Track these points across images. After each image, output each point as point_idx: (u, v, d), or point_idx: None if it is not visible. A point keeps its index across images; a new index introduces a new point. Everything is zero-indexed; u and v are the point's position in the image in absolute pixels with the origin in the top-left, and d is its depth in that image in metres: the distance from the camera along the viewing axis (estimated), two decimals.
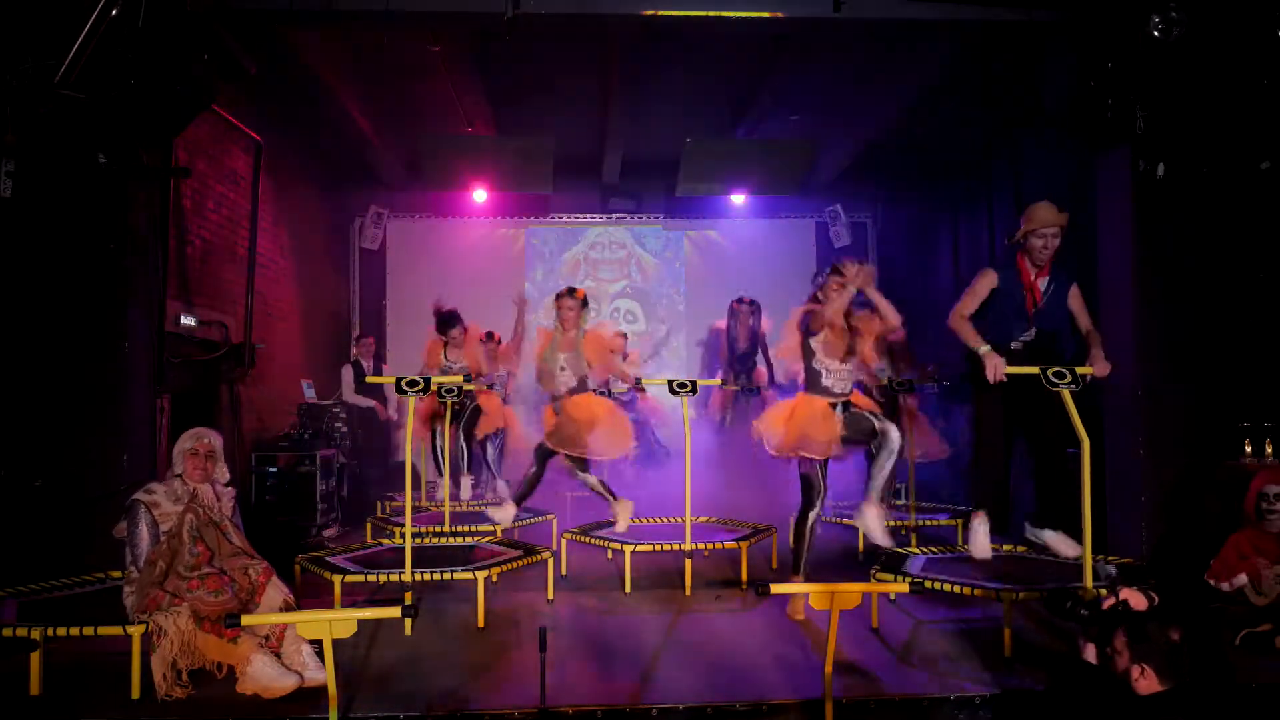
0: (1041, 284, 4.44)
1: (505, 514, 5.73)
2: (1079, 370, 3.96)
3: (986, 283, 4.48)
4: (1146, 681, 2.71)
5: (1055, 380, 3.92)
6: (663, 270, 11.01)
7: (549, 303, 10.72)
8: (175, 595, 3.59)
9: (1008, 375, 4.13)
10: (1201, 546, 4.71)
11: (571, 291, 5.79)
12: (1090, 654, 2.92)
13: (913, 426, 6.55)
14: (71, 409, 5.16)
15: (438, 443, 6.75)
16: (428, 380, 4.68)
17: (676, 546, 5.27)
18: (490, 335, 7.88)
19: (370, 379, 7.83)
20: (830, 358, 4.69)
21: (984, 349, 4.21)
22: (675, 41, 6.79)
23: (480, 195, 10.01)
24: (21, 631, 3.61)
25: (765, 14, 5.69)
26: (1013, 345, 4.41)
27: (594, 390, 5.92)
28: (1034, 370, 3.98)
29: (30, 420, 5.04)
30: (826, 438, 4.54)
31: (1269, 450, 5.12)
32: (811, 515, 4.71)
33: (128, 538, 3.75)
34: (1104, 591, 3.95)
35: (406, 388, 4.56)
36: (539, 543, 5.63)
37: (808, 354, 4.73)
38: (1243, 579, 4.23)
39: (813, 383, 4.72)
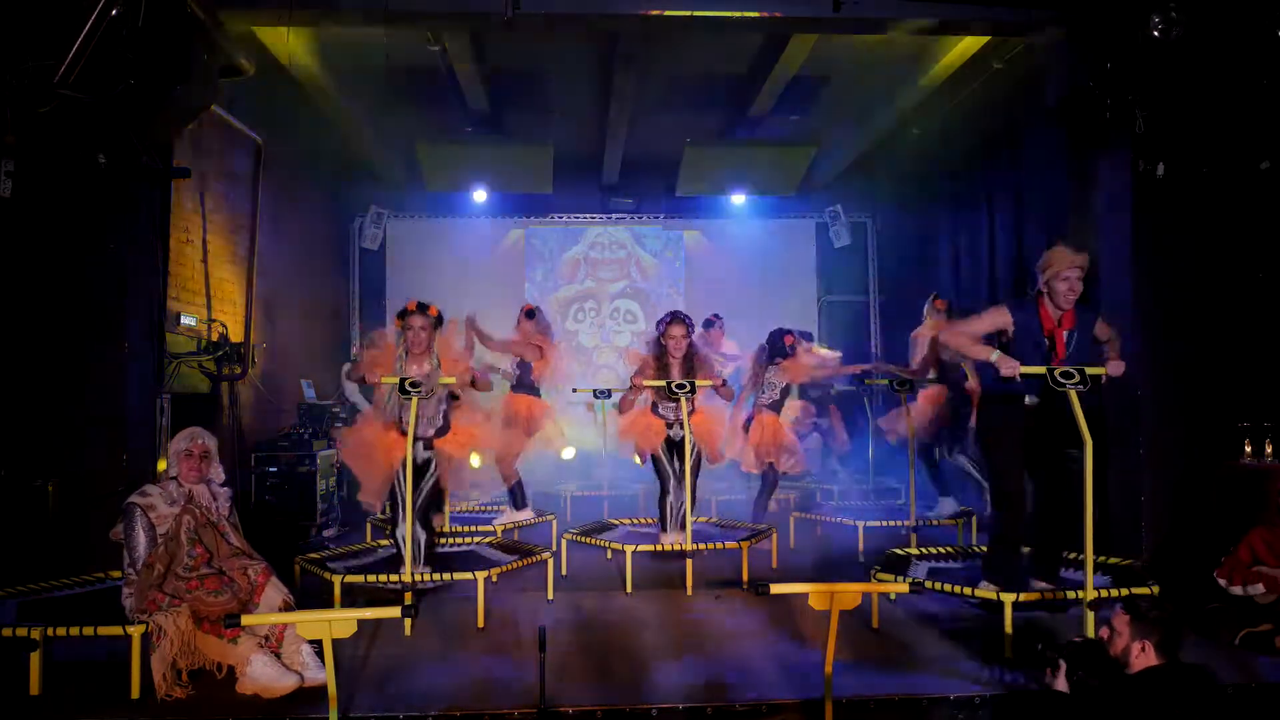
0: (1065, 333, 4.24)
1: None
2: (1089, 371, 3.94)
3: (997, 319, 4.31)
4: (1145, 657, 2.74)
5: (1062, 380, 3.90)
6: (663, 270, 11.01)
7: (548, 302, 10.83)
8: (174, 596, 3.59)
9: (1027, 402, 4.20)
10: (1203, 547, 4.71)
11: (423, 308, 4.93)
12: (1061, 684, 2.93)
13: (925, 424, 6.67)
14: (71, 409, 5.16)
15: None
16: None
17: (676, 546, 5.27)
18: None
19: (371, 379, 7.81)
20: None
21: (994, 355, 4.12)
22: (675, 41, 6.80)
23: (480, 195, 10.01)
24: (21, 631, 3.61)
25: (765, 14, 5.69)
26: (1028, 400, 4.27)
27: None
28: (1041, 370, 3.96)
29: (30, 421, 5.03)
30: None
31: (1269, 450, 5.12)
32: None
33: (125, 541, 3.75)
34: (1099, 593, 3.97)
35: (409, 389, 4.55)
36: (539, 543, 5.63)
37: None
38: (1260, 588, 4.18)
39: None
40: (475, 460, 8.89)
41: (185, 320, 6.38)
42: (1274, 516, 4.35)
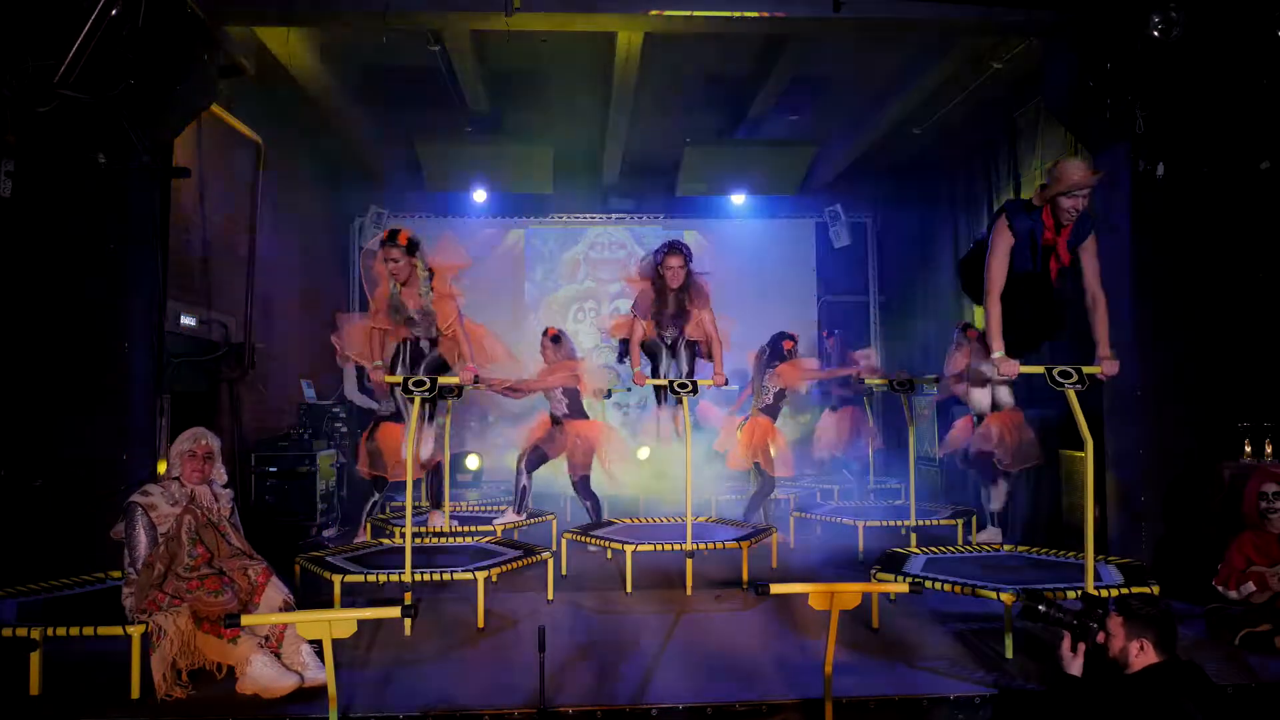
0: (1065, 241, 4.21)
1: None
2: (1086, 370, 3.95)
3: (1005, 245, 4.24)
4: (1145, 656, 2.73)
5: (1060, 380, 3.90)
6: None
7: (548, 302, 10.84)
8: (175, 596, 3.59)
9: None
10: (1203, 547, 4.72)
11: (393, 237, 5.28)
12: (1076, 668, 2.92)
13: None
14: (72, 409, 5.16)
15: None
16: (434, 380, 4.66)
17: (676, 546, 5.27)
18: None
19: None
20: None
21: (997, 354, 4.16)
22: (675, 42, 6.80)
23: (480, 195, 10.01)
24: (21, 631, 3.61)
25: (765, 14, 5.69)
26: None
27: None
28: (1039, 370, 3.97)
29: (30, 421, 5.03)
30: None
31: (1269, 450, 5.12)
32: None
33: (125, 540, 3.74)
34: (1100, 593, 3.96)
35: (413, 388, 4.55)
36: (539, 543, 5.63)
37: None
38: (1251, 587, 4.22)
39: None
40: (473, 461, 8.94)
41: (185, 320, 6.38)
42: (1254, 517, 4.35)
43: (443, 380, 4.78)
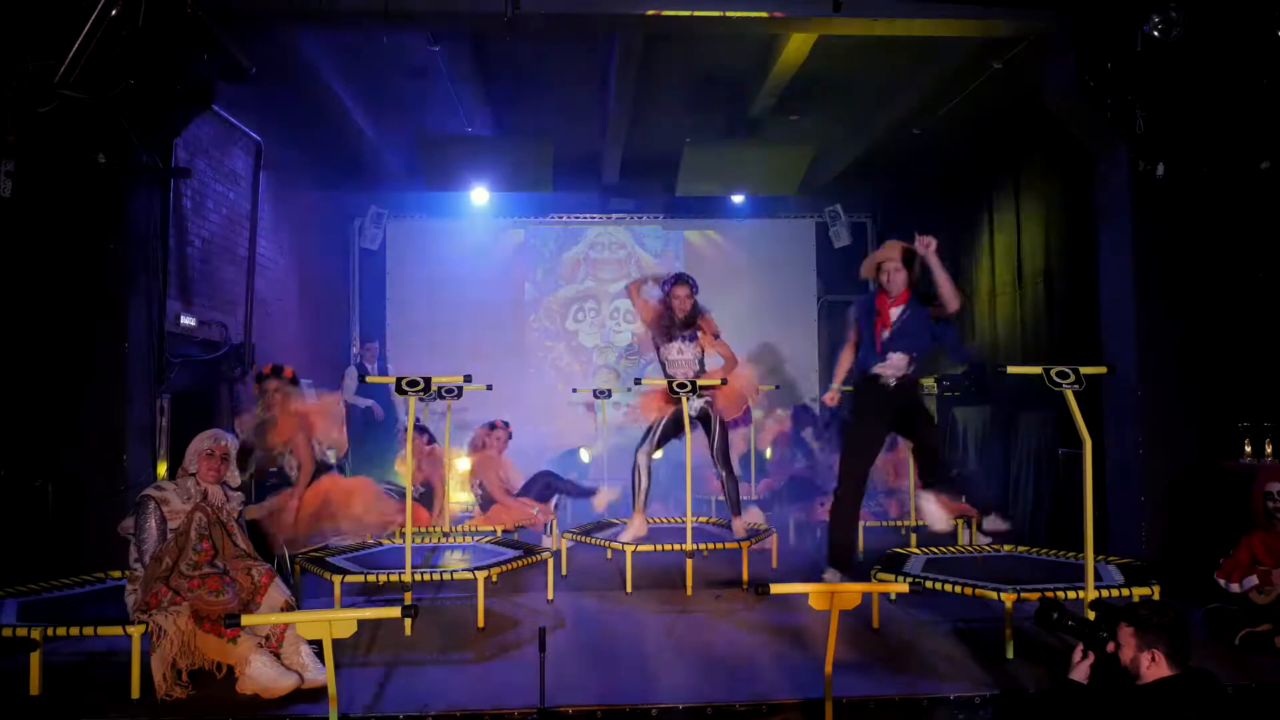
0: (895, 311, 4.85)
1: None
2: (1084, 370, 3.95)
3: (853, 315, 5.14)
4: (1157, 667, 2.71)
5: (1058, 380, 3.91)
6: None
7: (548, 302, 10.83)
8: (177, 593, 3.59)
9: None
10: (1202, 546, 4.72)
11: (278, 371, 5.36)
12: (1081, 674, 2.91)
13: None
14: (72, 409, 5.16)
15: None
16: (428, 380, 4.66)
17: (677, 546, 5.27)
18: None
19: (369, 379, 7.83)
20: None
21: (831, 388, 5.22)
22: (675, 41, 6.79)
23: (480, 195, 10.01)
24: (21, 631, 3.61)
25: (765, 14, 5.69)
26: (874, 371, 4.85)
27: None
28: (1037, 370, 3.97)
29: (30, 420, 5.03)
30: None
31: (1269, 450, 5.12)
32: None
33: (135, 533, 3.75)
34: (1100, 594, 3.96)
35: (406, 388, 4.55)
36: (539, 543, 5.63)
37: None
38: (1254, 580, 4.22)
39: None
40: (465, 464, 8.75)
41: (185, 320, 6.38)
42: (1260, 517, 4.35)
43: (437, 380, 4.78)
